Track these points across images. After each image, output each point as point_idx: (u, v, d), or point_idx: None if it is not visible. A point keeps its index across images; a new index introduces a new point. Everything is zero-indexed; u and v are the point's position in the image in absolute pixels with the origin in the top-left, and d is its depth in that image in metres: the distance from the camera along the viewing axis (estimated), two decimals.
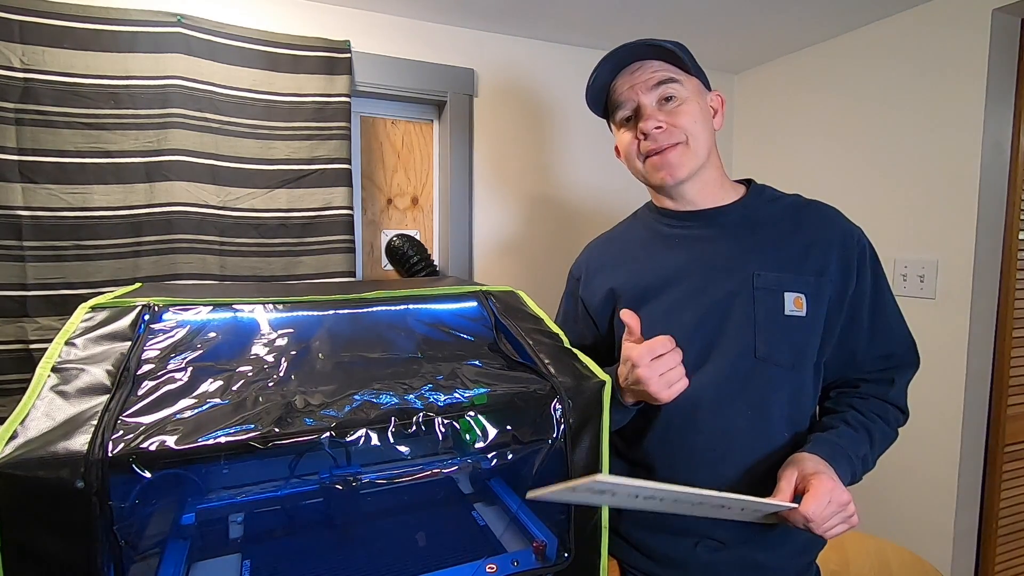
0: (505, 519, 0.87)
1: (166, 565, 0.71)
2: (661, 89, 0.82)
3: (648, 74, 0.82)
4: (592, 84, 0.87)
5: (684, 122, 0.82)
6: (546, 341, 0.87)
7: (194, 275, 1.35)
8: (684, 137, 0.82)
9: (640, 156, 0.86)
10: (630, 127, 0.86)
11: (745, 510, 0.66)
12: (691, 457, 0.81)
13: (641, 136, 0.84)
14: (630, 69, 0.84)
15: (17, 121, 1.21)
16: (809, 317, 0.79)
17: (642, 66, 0.83)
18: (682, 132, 0.82)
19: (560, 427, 0.74)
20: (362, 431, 0.64)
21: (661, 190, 0.89)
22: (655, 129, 0.81)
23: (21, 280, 1.23)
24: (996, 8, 1.32)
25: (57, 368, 0.64)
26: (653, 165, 0.84)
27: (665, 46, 0.80)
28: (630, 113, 0.85)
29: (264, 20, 1.42)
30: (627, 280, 0.91)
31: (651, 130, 0.82)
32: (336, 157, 1.46)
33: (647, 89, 0.82)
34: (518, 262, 1.77)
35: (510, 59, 1.71)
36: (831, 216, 0.85)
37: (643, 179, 0.90)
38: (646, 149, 0.84)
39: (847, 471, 0.73)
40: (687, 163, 0.83)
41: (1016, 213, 1.41)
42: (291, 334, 0.82)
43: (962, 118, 1.38)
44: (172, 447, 0.57)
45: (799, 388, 0.81)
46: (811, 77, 1.77)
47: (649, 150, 0.84)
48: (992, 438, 1.44)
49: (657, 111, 0.82)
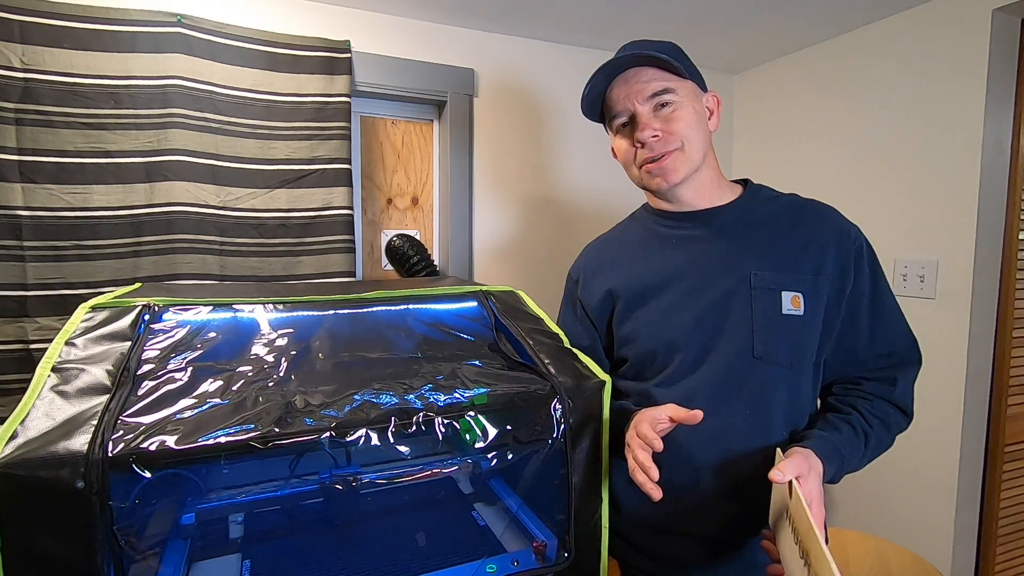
0: (505, 519, 0.87)
1: (166, 565, 0.71)
2: (657, 98, 0.83)
3: (642, 84, 0.83)
4: (587, 94, 0.88)
5: (679, 128, 0.82)
6: (546, 341, 0.87)
7: (194, 275, 1.35)
8: (680, 143, 0.83)
9: (636, 164, 0.87)
10: (626, 134, 0.87)
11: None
12: (691, 457, 0.81)
13: (638, 144, 0.85)
14: (624, 77, 0.85)
15: (17, 121, 1.21)
16: (807, 316, 0.79)
17: (636, 73, 0.84)
18: (677, 138, 0.83)
19: (560, 427, 0.74)
20: (362, 431, 0.64)
21: (657, 193, 0.90)
22: (651, 138, 0.83)
23: (21, 280, 1.23)
24: (996, 8, 1.32)
25: (57, 368, 0.64)
26: (649, 172, 0.86)
27: (658, 56, 0.81)
28: (626, 120, 0.86)
29: (264, 20, 1.42)
30: (625, 281, 0.91)
31: (648, 139, 0.83)
32: (336, 157, 1.46)
33: (643, 99, 0.83)
34: (518, 262, 1.77)
35: (510, 59, 1.72)
36: (828, 215, 0.85)
37: (640, 184, 0.91)
38: (643, 157, 0.85)
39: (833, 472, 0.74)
40: (682, 168, 0.84)
41: (1016, 213, 1.41)
42: (291, 334, 0.82)
43: (962, 118, 1.38)
44: (172, 447, 0.57)
45: (797, 387, 0.81)
46: (811, 77, 1.77)
47: (646, 158, 0.85)
48: (992, 438, 1.44)
49: (653, 119, 0.83)
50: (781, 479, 0.65)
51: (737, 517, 0.81)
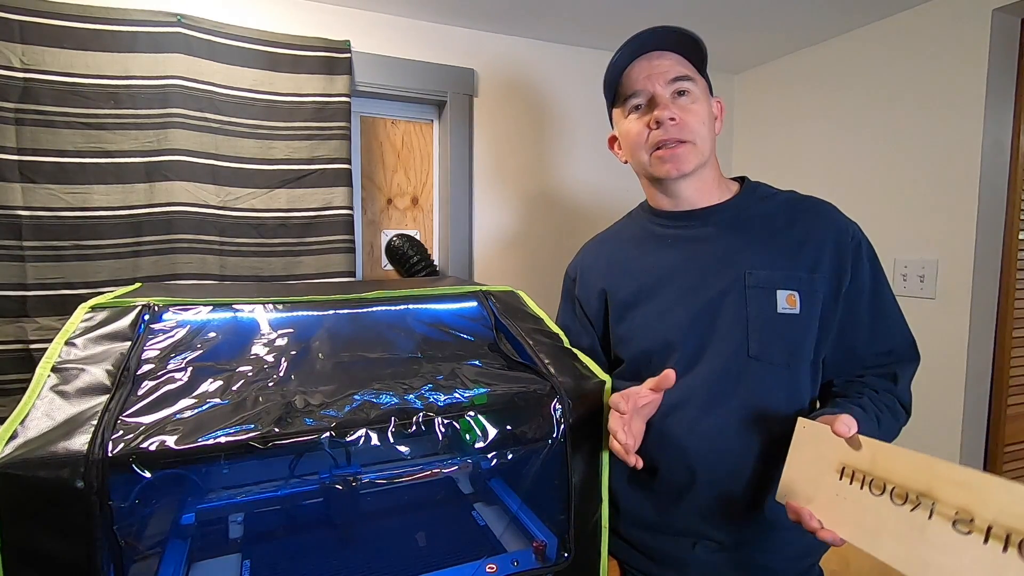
0: (505, 519, 0.87)
1: (166, 565, 0.71)
2: (676, 84, 0.82)
3: (666, 66, 0.82)
4: (614, 64, 0.86)
5: (694, 122, 0.82)
6: (546, 341, 0.87)
7: (194, 275, 1.35)
8: (693, 137, 0.82)
9: (647, 147, 0.85)
10: (640, 115, 0.85)
11: None
12: (688, 457, 0.81)
13: (654, 125, 0.83)
14: (648, 57, 0.84)
15: (17, 121, 1.21)
16: (803, 315, 0.79)
17: (661, 56, 0.83)
18: (691, 132, 0.82)
19: (560, 427, 0.74)
20: (362, 431, 0.64)
21: (660, 185, 0.88)
22: (669, 120, 0.81)
23: (21, 280, 1.23)
24: (996, 8, 1.32)
25: (57, 368, 0.64)
26: (660, 157, 0.84)
27: (692, 36, 0.81)
28: (643, 102, 0.85)
29: (264, 20, 1.42)
30: (621, 280, 0.91)
31: (666, 119, 0.81)
32: (336, 157, 1.46)
33: (664, 82, 0.82)
34: (518, 262, 1.78)
35: (510, 59, 1.71)
36: (825, 211, 0.84)
37: (645, 171, 0.88)
38: (656, 139, 0.83)
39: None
40: (693, 160, 0.83)
41: (1016, 213, 1.41)
42: (291, 334, 0.82)
43: (962, 118, 1.38)
44: (172, 447, 0.57)
45: (794, 387, 0.80)
46: (811, 77, 1.77)
47: (660, 140, 0.83)
48: (992, 438, 1.44)
49: (671, 104, 0.82)
50: (849, 432, 0.62)
51: (736, 516, 0.81)
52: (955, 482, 0.53)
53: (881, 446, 0.60)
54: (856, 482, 0.62)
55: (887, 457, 0.59)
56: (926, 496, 0.55)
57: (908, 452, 0.57)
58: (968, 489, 0.52)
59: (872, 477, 0.60)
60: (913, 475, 0.56)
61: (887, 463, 0.59)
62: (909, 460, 0.57)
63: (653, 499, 0.85)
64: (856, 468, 0.62)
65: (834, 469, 0.65)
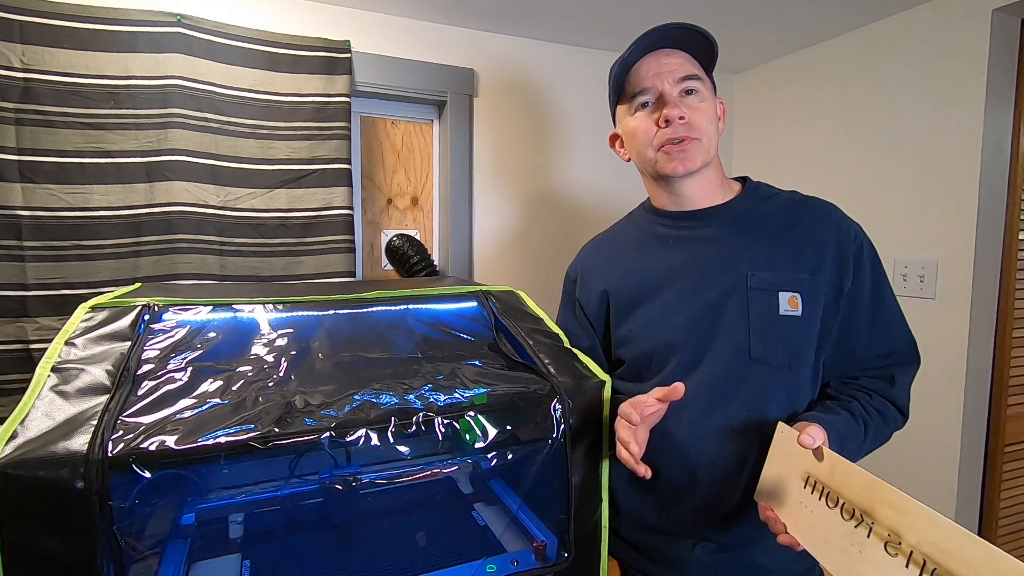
0: (505, 519, 0.87)
1: (166, 565, 0.72)
2: (685, 83, 0.82)
3: (675, 65, 0.83)
4: (624, 60, 0.85)
5: (701, 120, 0.82)
6: (546, 341, 0.87)
7: (194, 275, 1.35)
8: (700, 135, 0.82)
9: (654, 145, 0.85)
10: (648, 113, 0.85)
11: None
12: (689, 458, 0.81)
13: (663, 123, 0.82)
14: (657, 55, 0.84)
15: (17, 121, 1.21)
16: (804, 316, 0.78)
17: (670, 54, 0.83)
18: (699, 130, 0.82)
19: (560, 427, 0.74)
20: (362, 431, 0.64)
21: (665, 182, 0.88)
22: (679, 119, 0.81)
23: (21, 280, 1.23)
24: (996, 8, 1.32)
25: (57, 368, 0.64)
26: (668, 154, 0.83)
27: (704, 34, 0.81)
28: (651, 99, 0.84)
29: (264, 20, 1.42)
30: (622, 281, 0.91)
31: (675, 118, 0.81)
32: (336, 157, 1.46)
33: (673, 80, 0.82)
34: (518, 262, 1.77)
35: (510, 59, 1.71)
36: (827, 212, 0.84)
37: (650, 168, 0.88)
38: (664, 138, 0.83)
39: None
40: (699, 157, 0.83)
41: (1016, 213, 1.41)
42: (291, 334, 0.82)
43: (962, 118, 1.38)
44: (172, 447, 0.57)
45: (796, 389, 0.80)
46: (811, 77, 1.77)
47: (668, 138, 0.83)
48: (992, 438, 1.44)
49: (680, 102, 0.82)
50: (812, 444, 0.64)
51: (736, 518, 0.81)
52: (892, 505, 0.55)
53: (840, 461, 0.62)
54: (816, 492, 0.64)
55: (843, 472, 0.61)
56: (868, 515, 0.57)
57: (860, 470, 0.59)
58: (901, 513, 0.54)
59: (829, 490, 0.62)
60: (861, 493, 0.59)
61: (842, 478, 0.61)
62: (859, 478, 0.59)
63: (654, 500, 0.85)
64: (818, 479, 0.64)
65: (800, 477, 0.67)
